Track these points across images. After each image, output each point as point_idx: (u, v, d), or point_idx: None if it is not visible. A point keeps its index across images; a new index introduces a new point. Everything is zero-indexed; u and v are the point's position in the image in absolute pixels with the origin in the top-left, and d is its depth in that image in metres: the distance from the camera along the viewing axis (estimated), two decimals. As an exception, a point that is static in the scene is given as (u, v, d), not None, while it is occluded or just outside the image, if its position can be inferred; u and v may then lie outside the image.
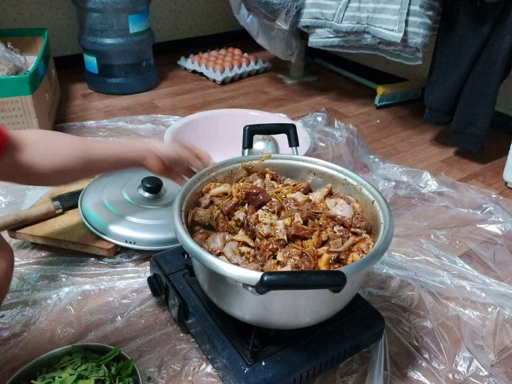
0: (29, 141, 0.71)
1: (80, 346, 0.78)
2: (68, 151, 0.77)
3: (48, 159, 0.74)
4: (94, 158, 0.81)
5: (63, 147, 0.77)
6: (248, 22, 1.98)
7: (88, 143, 0.85)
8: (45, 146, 0.74)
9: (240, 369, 0.72)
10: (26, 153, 0.70)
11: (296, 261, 0.69)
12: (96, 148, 0.82)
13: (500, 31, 1.33)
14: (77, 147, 0.79)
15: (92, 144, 0.85)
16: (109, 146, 0.86)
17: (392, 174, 1.43)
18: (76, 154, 0.77)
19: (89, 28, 1.88)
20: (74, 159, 0.77)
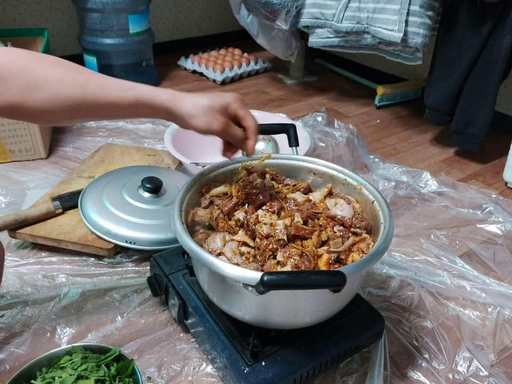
0: (3, 74, 0.58)
1: (80, 346, 0.78)
2: (61, 90, 0.61)
3: (34, 98, 0.60)
4: (95, 101, 0.63)
5: (54, 82, 0.61)
6: (248, 22, 1.98)
7: (89, 76, 0.64)
8: (28, 80, 0.59)
9: (240, 369, 0.72)
10: (1, 88, 0.58)
11: (296, 261, 0.69)
12: (98, 85, 0.64)
13: (500, 31, 1.33)
14: (74, 83, 0.62)
15: (90, 79, 0.64)
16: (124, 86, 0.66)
17: (392, 174, 1.43)
18: (73, 95, 0.62)
19: (89, 28, 1.88)
20: (71, 102, 0.62)
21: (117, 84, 0.65)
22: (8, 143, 1.40)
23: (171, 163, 1.38)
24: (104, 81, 0.64)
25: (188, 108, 0.67)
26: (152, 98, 0.66)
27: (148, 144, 1.57)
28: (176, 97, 0.67)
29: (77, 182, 1.25)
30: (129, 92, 0.65)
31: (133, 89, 0.65)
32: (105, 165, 1.34)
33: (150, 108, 0.67)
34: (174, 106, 0.67)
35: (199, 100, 0.68)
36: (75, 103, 0.62)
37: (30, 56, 0.62)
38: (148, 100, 0.66)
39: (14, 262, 1.05)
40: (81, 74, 0.64)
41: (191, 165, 1.28)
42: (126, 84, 0.65)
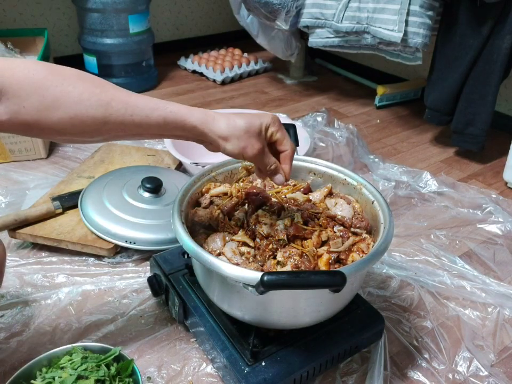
0: (17, 91, 0.53)
1: (80, 346, 0.78)
2: (81, 110, 0.55)
3: (51, 118, 0.55)
4: (119, 121, 0.57)
5: (73, 101, 0.55)
6: (248, 22, 1.98)
7: (113, 94, 0.58)
8: (44, 99, 0.54)
9: (240, 369, 0.72)
10: (15, 106, 0.53)
11: (296, 261, 0.69)
12: (123, 104, 0.57)
13: (500, 31, 1.33)
14: (96, 102, 0.56)
15: (114, 97, 0.57)
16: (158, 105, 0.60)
17: (392, 174, 1.43)
18: (94, 115, 0.56)
19: (89, 28, 1.88)
20: (92, 123, 0.56)
21: (143, 102, 0.59)
22: (8, 143, 1.40)
23: (171, 163, 1.38)
24: (130, 99, 0.58)
25: (222, 128, 0.61)
26: (183, 119, 0.60)
27: (148, 144, 1.57)
28: (209, 117, 0.61)
29: (77, 182, 1.25)
30: (157, 112, 0.59)
31: (161, 109, 0.59)
32: (105, 165, 1.34)
33: (180, 128, 0.61)
34: (207, 127, 0.61)
35: (235, 120, 0.62)
36: (97, 123, 0.57)
37: (47, 71, 0.56)
38: (178, 120, 0.60)
39: (14, 262, 1.05)
40: (104, 91, 0.57)
41: (191, 165, 1.28)
42: (154, 103, 0.60)
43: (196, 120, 0.61)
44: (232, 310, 0.74)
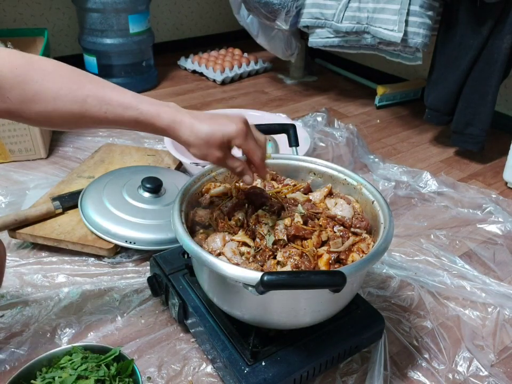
0: (1, 82, 0.57)
1: (80, 346, 0.78)
2: (58, 105, 0.60)
3: (31, 110, 0.59)
4: (94, 117, 0.61)
5: (51, 97, 0.59)
6: (248, 22, 1.98)
7: (89, 90, 0.61)
8: (25, 93, 0.58)
9: (240, 369, 0.72)
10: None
11: (296, 261, 0.69)
12: (97, 102, 0.61)
13: (500, 31, 1.33)
14: (72, 98, 0.60)
15: (94, 93, 0.61)
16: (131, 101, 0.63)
17: (392, 174, 1.43)
18: (71, 111, 0.60)
19: (89, 28, 1.88)
20: (69, 117, 0.61)
21: (117, 100, 0.62)
22: (8, 143, 1.40)
23: (171, 163, 1.38)
24: (105, 95, 0.61)
25: (185, 136, 0.64)
26: (152, 121, 0.63)
27: (147, 144, 1.57)
28: (176, 123, 0.64)
29: (77, 182, 1.25)
30: (129, 111, 0.62)
31: (134, 109, 0.62)
32: (105, 165, 1.34)
33: (151, 129, 0.65)
34: (174, 132, 0.64)
35: (199, 127, 0.64)
36: (74, 117, 0.61)
37: (28, 65, 0.59)
38: (148, 122, 0.63)
39: (14, 262, 1.05)
40: (81, 87, 0.61)
41: (191, 165, 1.28)
42: (128, 101, 0.62)
43: (163, 125, 0.64)
44: (232, 310, 0.74)
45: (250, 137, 0.67)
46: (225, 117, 0.67)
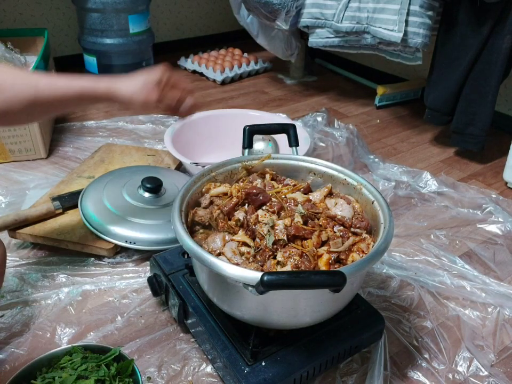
0: None
1: (80, 346, 0.78)
2: (16, 92, 0.69)
3: None
4: (46, 98, 0.72)
5: (9, 85, 0.69)
6: (248, 22, 1.98)
7: (39, 77, 0.73)
8: None
9: (240, 369, 0.72)
10: None
11: (296, 261, 0.69)
12: (47, 85, 0.72)
13: (500, 31, 1.33)
14: (27, 84, 0.71)
15: (39, 80, 0.72)
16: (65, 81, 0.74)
17: (392, 174, 1.43)
18: (27, 95, 0.70)
19: (89, 28, 1.88)
20: (26, 102, 0.70)
21: (63, 81, 0.73)
22: (8, 143, 1.40)
23: (171, 163, 1.38)
24: (52, 80, 0.73)
25: (127, 87, 0.77)
26: (94, 89, 0.75)
27: (147, 144, 1.57)
28: (114, 83, 0.77)
29: (77, 182, 1.25)
30: (73, 88, 0.74)
31: (77, 85, 0.74)
32: (105, 165, 1.34)
33: (94, 98, 0.76)
34: (115, 91, 0.77)
35: (134, 79, 0.79)
36: (29, 102, 0.70)
37: None
38: (90, 91, 0.75)
39: (14, 262, 1.05)
40: (33, 76, 0.74)
41: (191, 165, 1.28)
42: (71, 80, 0.74)
43: (104, 88, 0.76)
44: (232, 310, 0.74)
45: (173, 72, 0.83)
46: (146, 70, 0.82)
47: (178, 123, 1.45)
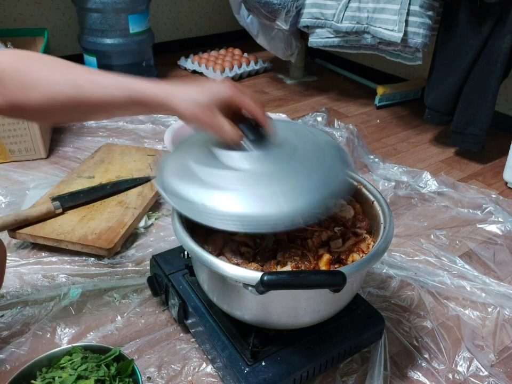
0: (2, 76, 0.60)
1: (80, 346, 0.78)
2: (55, 90, 0.61)
3: (30, 98, 0.61)
4: (89, 98, 0.62)
5: (48, 82, 0.61)
6: (248, 22, 1.98)
7: (83, 74, 0.64)
8: (23, 81, 0.60)
9: (240, 369, 0.72)
10: (1, 89, 0.60)
11: (296, 261, 0.69)
12: (90, 83, 0.63)
13: (500, 31, 1.33)
14: (68, 82, 0.62)
15: (81, 76, 0.63)
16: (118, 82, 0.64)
17: (392, 174, 1.43)
18: (67, 94, 0.61)
19: (89, 28, 1.88)
20: (65, 102, 0.62)
21: (111, 82, 0.64)
22: (8, 143, 1.40)
23: (171, 163, 1.38)
24: (99, 78, 0.64)
25: (181, 107, 0.64)
26: (147, 98, 0.64)
27: (147, 144, 1.57)
28: (169, 95, 0.65)
29: (77, 182, 1.25)
30: (123, 91, 0.63)
31: (128, 88, 0.64)
32: (105, 165, 1.34)
33: (145, 106, 0.65)
34: (168, 104, 0.65)
35: (191, 95, 0.65)
36: (70, 102, 0.62)
37: (24, 57, 0.63)
38: (142, 99, 0.64)
39: (14, 262, 1.05)
40: (75, 73, 0.63)
41: (191, 165, 1.27)
42: (120, 82, 0.64)
43: (159, 99, 0.64)
44: (232, 310, 0.74)
45: (243, 92, 0.67)
46: (211, 81, 0.68)
47: (178, 123, 1.45)
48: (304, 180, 0.66)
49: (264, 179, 0.65)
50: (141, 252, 1.10)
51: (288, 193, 0.63)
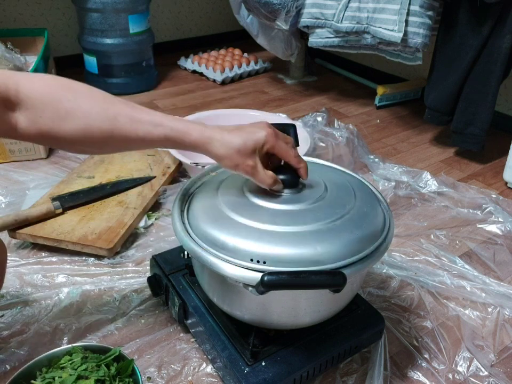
0: (35, 102, 0.59)
1: (80, 346, 0.78)
2: (90, 123, 0.60)
3: (63, 128, 0.60)
4: (124, 134, 0.62)
5: (83, 114, 0.60)
6: (248, 22, 1.98)
7: (119, 108, 0.63)
8: (57, 111, 0.59)
9: (240, 369, 0.72)
10: (32, 116, 0.59)
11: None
12: (128, 120, 0.62)
13: (500, 31, 1.33)
14: (103, 116, 0.61)
15: (120, 112, 0.62)
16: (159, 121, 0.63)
17: (392, 174, 1.43)
18: (102, 128, 0.61)
19: (89, 28, 1.88)
20: (100, 135, 0.61)
21: (147, 118, 0.63)
22: (8, 143, 1.40)
23: (171, 163, 1.38)
24: (135, 114, 0.63)
25: (216, 148, 0.65)
26: (182, 137, 0.64)
27: (147, 144, 1.57)
28: (206, 137, 0.65)
29: (77, 182, 1.25)
30: (159, 128, 0.63)
31: (163, 125, 0.63)
32: (105, 165, 1.34)
33: (180, 145, 0.65)
34: (204, 147, 0.65)
35: (229, 138, 0.65)
36: (104, 136, 0.62)
37: (60, 85, 0.62)
38: (178, 138, 0.64)
39: (14, 262, 1.05)
40: (112, 106, 0.63)
41: (191, 165, 1.28)
42: (157, 118, 0.64)
43: (194, 140, 0.65)
44: (232, 310, 0.74)
45: (280, 139, 0.68)
46: (250, 125, 0.68)
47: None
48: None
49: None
50: (141, 251, 1.10)
51: None
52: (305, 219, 0.67)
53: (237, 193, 0.73)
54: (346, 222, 0.67)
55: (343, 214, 0.69)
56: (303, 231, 0.65)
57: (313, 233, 0.65)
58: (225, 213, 0.69)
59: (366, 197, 0.75)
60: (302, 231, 0.65)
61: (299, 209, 0.69)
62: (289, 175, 0.73)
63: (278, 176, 0.71)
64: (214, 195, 0.73)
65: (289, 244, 0.63)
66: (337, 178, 0.79)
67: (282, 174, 0.72)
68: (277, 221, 0.66)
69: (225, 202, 0.71)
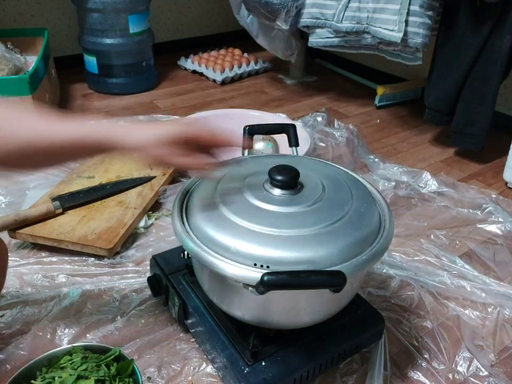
0: None
1: (80, 346, 0.78)
2: (12, 135, 0.59)
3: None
4: (46, 145, 0.60)
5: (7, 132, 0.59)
6: (248, 22, 1.98)
7: (30, 119, 0.62)
8: None
9: (240, 369, 0.72)
10: None
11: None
12: (45, 130, 0.61)
13: (500, 31, 1.33)
14: (17, 127, 0.60)
15: (37, 123, 0.62)
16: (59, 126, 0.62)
17: (392, 174, 1.43)
18: (16, 139, 0.59)
19: (89, 28, 1.88)
20: (22, 149, 0.60)
21: (63, 126, 0.62)
22: (8, 143, 1.40)
23: (171, 163, 1.38)
24: (51, 124, 0.62)
25: (137, 140, 0.64)
26: (92, 136, 0.62)
27: (147, 144, 1.56)
28: (118, 131, 0.64)
29: (77, 182, 1.25)
30: (76, 132, 0.62)
31: (80, 130, 0.62)
32: (105, 165, 1.34)
33: (98, 147, 0.63)
34: (119, 140, 0.63)
35: (148, 130, 0.65)
36: (26, 146, 0.60)
37: None
38: (96, 140, 0.62)
39: (14, 262, 1.05)
40: (29, 116, 0.62)
41: (191, 165, 1.28)
42: (72, 126, 0.62)
43: (117, 138, 0.63)
44: (232, 310, 0.74)
45: (202, 129, 0.68)
46: (166, 121, 0.67)
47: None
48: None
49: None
50: (141, 252, 1.09)
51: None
52: (305, 222, 0.67)
53: (236, 193, 0.73)
54: (345, 224, 0.68)
55: (342, 215, 0.69)
56: (304, 234, 0.65)
57: (314, 236, 0.65)
58: (224, 215, 0.69)
59: (362, 196, 0.75)
60: (303, 234, 0.65)
61: (299, 212, 0.69)
62: (287, 176, 0.72)
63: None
64: (214, 195, 0.73)
65: (292, 248, 0.64)
66: (333, 176, 0.79)
67: (280, 175, 0.72)
68: (278, 224, 0.66)
69: (224, 203, 0.71)
